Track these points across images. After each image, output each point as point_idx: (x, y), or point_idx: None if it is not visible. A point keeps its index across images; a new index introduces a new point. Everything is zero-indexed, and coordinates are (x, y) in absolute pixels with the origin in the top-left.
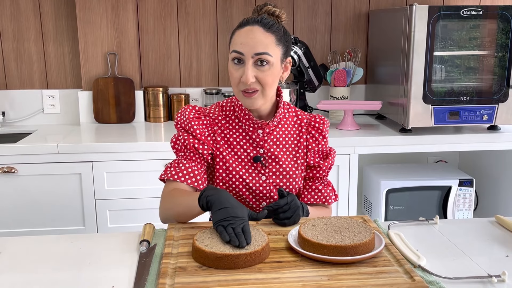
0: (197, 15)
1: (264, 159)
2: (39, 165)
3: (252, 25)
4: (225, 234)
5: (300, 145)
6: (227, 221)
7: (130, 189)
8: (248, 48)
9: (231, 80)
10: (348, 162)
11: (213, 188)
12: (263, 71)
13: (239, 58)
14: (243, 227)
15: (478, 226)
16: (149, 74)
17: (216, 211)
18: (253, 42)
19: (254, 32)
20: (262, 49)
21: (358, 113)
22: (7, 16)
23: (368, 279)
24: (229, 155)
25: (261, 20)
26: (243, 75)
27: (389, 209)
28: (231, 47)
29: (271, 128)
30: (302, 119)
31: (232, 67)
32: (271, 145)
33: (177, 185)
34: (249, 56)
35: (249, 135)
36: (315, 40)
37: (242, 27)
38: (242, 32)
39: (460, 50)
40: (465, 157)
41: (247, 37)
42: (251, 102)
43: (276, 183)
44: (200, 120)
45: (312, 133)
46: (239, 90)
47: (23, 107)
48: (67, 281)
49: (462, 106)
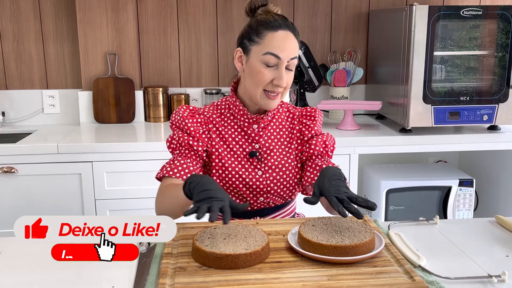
0: (197, 15)
1: (260, 154)
2: (39, 165)
3: (285, 30)
4: (201, 211)
5: (293, 136)
6: (206, 200)
7: (130, 189)
8: (286, 53)
9: (255, 79)
10: (348, 162)
11: (197, 175)
12: (289, 75)
13: (275, 61)
14: (221, 207)
15: (478, 226)
16: (149, 74)
17: (197, 193)
18: (290, 48)
19: (290, 38)
20: (295, 54)
21: (358, 113)
22: (7, 17)
23: (368, 279)
24: (224, 151)
25: (290, 25)
26: (277, 78)
27: (389, 209)
28: (264, 49)
29: (265, 122)
30: (294, 112)
31: (262, 67)
32: (266, 140)
33: (172, 181)
34: (285, 60)
35: (244, 130)
36: (315, 40)
37: (275, 30)
38: (278, 36)
39: (460, 50)
40: (465, 157)
41: (284, 42)
42: (272, 103)
43: (273, 177)
44: (194, 118)
45: (304, 122)
46: (262, 90)
47: (23, 107)
48: (67, 281)
49: (462, 106)
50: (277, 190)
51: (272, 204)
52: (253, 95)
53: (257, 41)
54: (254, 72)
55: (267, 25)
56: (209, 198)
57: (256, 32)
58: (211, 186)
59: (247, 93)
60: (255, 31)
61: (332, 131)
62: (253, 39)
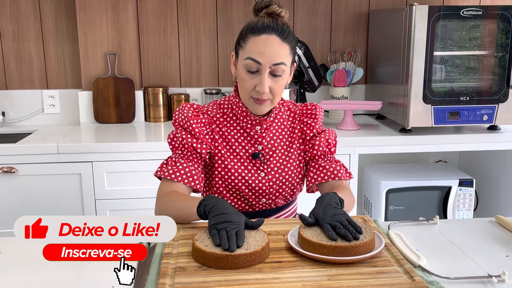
0: (197, 15)
1: (263, 155)
2: (39, 165)
3: (269, 33)
4: (217, 237)
5: (295, 136)
6: (221, 224)
7: (130, 189)
8: (266, 58)
9: (241, 86)
10: (348, 162)
11: (213, 197)
12: (276, 81)
13: (255, 66)
14: (237, 231)
15: (478, 226)
16: (149, 74)
17: (212, 217)
18: (271, 52)
19: (272, 42)
20: (279, 59)
21: (358, 113)
22: (7, 16)
23: (368, 279)
24: (227, 153)
25: (278, 29)
26: (258, 84)
27: (389, 209)
28: (246, 53)
29: (268, 124)
30: (295, 111)
31: (245, 74)
32: (269, 141)
33: (174, 185)
34: (267, 66)
35: (247, 132)
36: (315, 40)
37: (258, 34)
38: (259, 41)
39: (460, 50)
40: (465, 157)
41: (265, 47)
42: (260, 109)
43: (276, 178)
44: (198, 118)
45: (305, 121)
46: (249, 97)
47: (23, 107)
48: (67, 281)
49: (462, 106)
50: (280, 190)
51: (273, 206)
52: (244, 101)
53: (242, 46)
54: (239, 78)
55: (251, 29)
56: (223, 222)
57: (243, 36)
58: (226, 210)
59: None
60: (243, 35)
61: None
62: (240, 44)
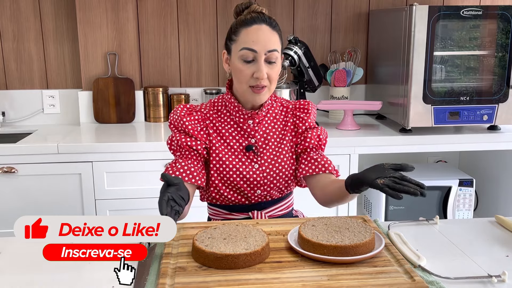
0: (197, 15)
1: (256, 148)
2: (39, 165)
3: (259, 24)
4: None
5: (288, 129)
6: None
7: (130, 189)
8: (260, 45)
9: (237, 77)
10: (348, 162)
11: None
12: (272, 68)
13: (251, 55)
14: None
15: (478, 226)
16: (149, 74)
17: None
18: (264, 40)
19: (264, 31)
20: (272, 46)
21: (358, 113)
22: (7, 16)
23: (368, 279)
24: (221, 146)
25: (265, 19)
26: (256, 71)
27: (389, 209)
28: (240, 45)
29: (260, 117)
30: (288, 106)
31: (241, 64)
32: (261, 134)
33: None
34: (262, 53)
35: (240, 126)
36: (315, 40)
37: (249, 25)
38: (251, 31)
39: (460, 50)
40: (465, 157)
41: (257, 36)
42: (260, 98)
43: (269, 169)
44: (191, 116)
45: (298, 115)
46: (248, 87)
47: (23, 107)
48: (67, 281)
49: (462, 106)
50: (274, 181)
51: (269, 198)
52: (242, 92)
53: (234, 39)
54: (236, 70)
55: (241, 22)
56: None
57: (234, 31)
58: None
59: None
60: (233, 30)
61: (332, 131)
62: (231, 38)
